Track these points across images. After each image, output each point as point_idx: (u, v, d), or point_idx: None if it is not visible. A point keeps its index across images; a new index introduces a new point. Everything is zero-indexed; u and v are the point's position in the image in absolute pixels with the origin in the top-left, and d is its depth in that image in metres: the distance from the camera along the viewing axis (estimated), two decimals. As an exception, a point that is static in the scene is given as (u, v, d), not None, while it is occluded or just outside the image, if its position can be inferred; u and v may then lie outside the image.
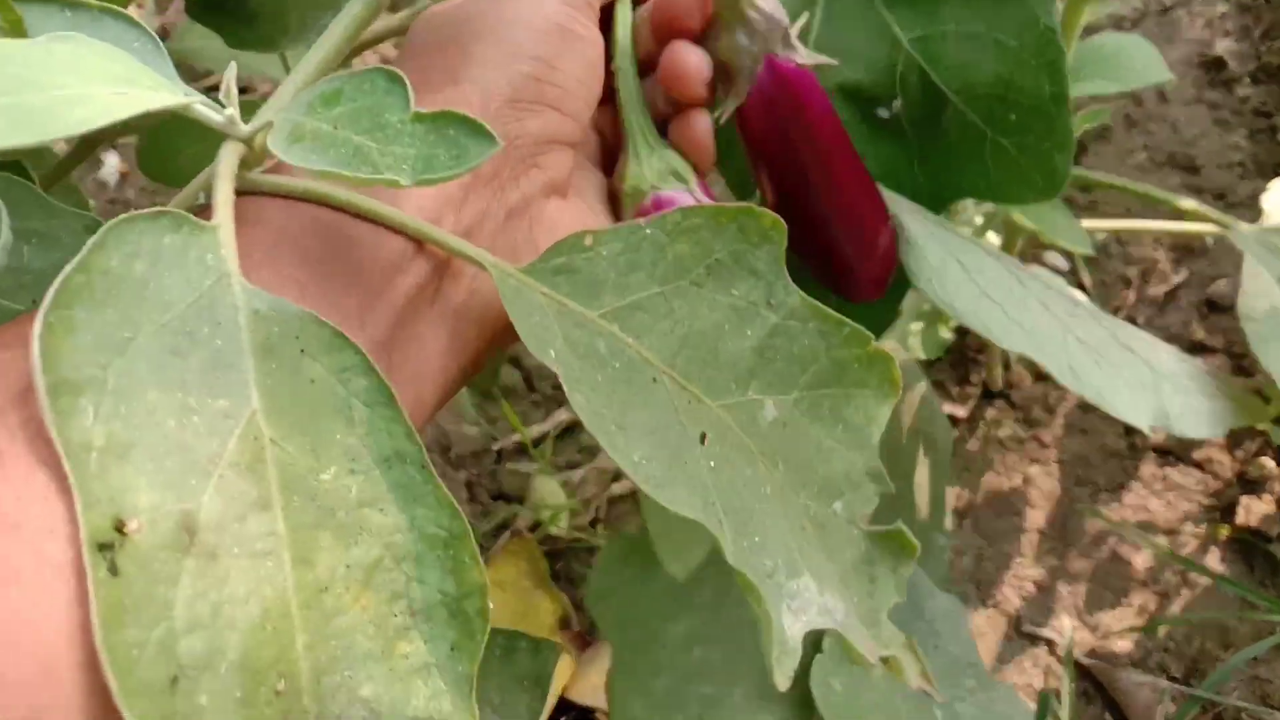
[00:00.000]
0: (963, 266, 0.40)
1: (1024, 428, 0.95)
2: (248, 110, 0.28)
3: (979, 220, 0.78)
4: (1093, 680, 0.86)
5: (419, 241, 0.30)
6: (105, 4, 0.26)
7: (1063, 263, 0.94)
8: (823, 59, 0.37)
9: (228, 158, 0.26)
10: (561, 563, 0.92)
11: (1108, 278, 0.98)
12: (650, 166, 0.37)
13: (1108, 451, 0.93)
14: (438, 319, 0.31)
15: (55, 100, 0.21)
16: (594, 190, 0.39)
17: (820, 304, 0.30)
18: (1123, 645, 0.86)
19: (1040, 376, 0.93)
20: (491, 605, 0.23)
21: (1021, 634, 0.88)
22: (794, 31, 0.37)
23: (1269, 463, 0.89)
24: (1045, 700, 0.83)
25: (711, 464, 0.27)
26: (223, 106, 0.27)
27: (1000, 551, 0.91)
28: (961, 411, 0.95)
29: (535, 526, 0.93)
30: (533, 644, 0.77)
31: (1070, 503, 0.91)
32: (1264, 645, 0.82)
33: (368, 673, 0.22)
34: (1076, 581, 0.89)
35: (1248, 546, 0.88)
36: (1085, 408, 0.95)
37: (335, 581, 0.22)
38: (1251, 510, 0.88)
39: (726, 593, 0.58)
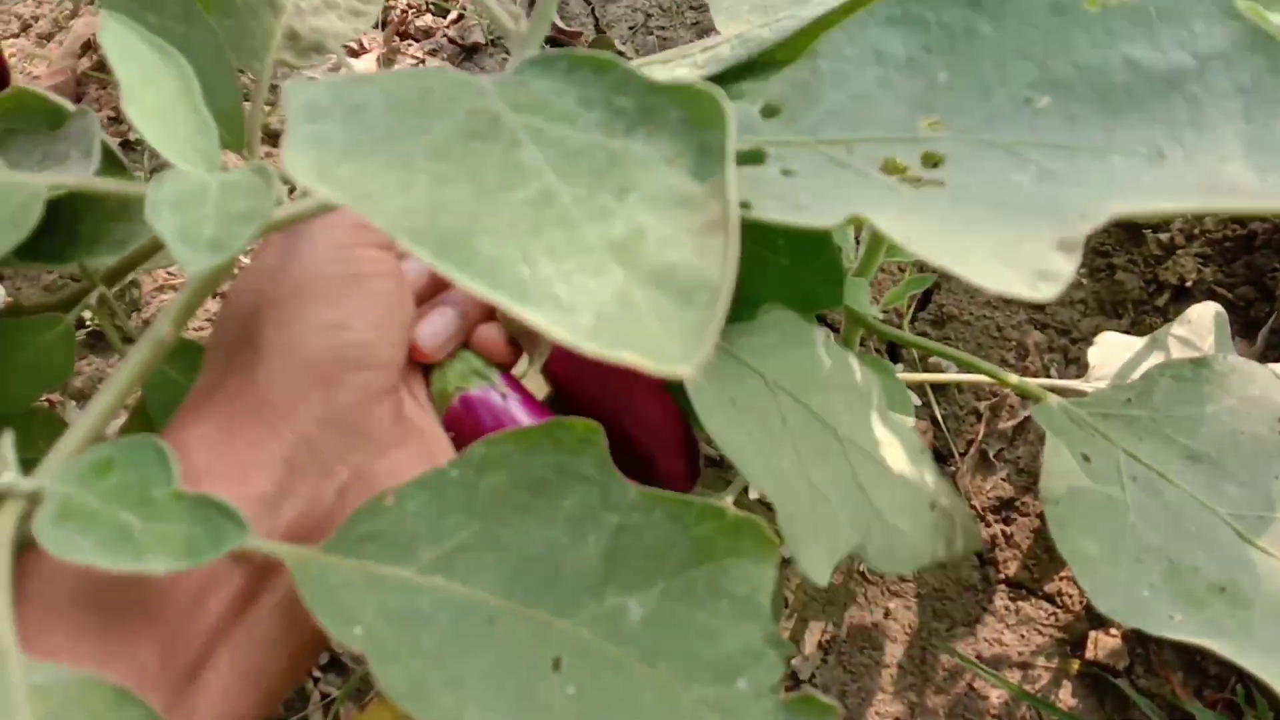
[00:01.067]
0: (734, 405, 0.41)
1: (884, 560, 0.96)
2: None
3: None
4: (952, 822, 0.85)
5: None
6: None
7: (916, 398, 0.96)
8: None
9: (6, 520, 0.26)
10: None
11: (959, 410, 1.01)
12: (452, 370, 0.38)
13: (963, 584, 0.94)
14: (261, 620, 0.30)
15: None
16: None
17: (659, 489, 0.30)
18: (981, 784, 0.86)
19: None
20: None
21: (883, 773, 0.87)
22: None
23: (1115, 595, 0.91)
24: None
25: (571, 689, 0.26)
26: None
27: (864, 687, 0.91)
28: (822, 544, 0.96)
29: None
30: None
31: (929, 636, 0.92)
32: (1115, 783, 0.83)
33: None
34: (935, 718, 0.89)
35: (1098, 680, 0.89)
36: (940, 541, 0.96)
37: None
38: (1100, 644, 0.90)
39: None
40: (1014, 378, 0.56)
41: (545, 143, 0.23)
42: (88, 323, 1.06)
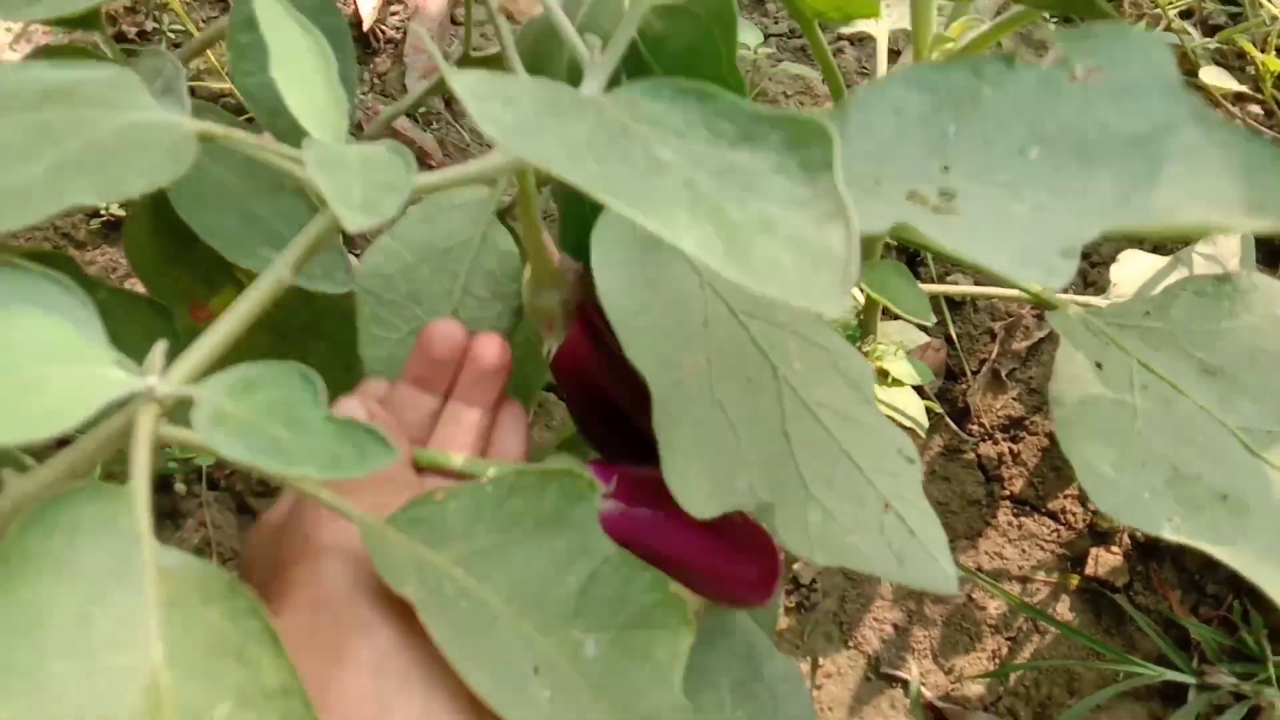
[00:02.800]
0: (644, 278, 0.40)
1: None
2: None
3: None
4: (945, 723, 0.88)
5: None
6: (46, 270, 0.29)
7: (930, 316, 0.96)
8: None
9: (145, 420, 0.28)
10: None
11: (973, 329, 1.01)
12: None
13: (967, 499, 0.95)
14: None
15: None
16: None
17: (630, 554, 0.34)
18: (975, 689, 0.89)
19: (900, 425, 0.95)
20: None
21: (880, 675, 0.90)
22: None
23: (1118, 514, 0.92)
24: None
25: (547, 694, 0.32)
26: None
27: (863, 594, 0.93)
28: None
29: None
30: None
31: (931, 548, 0.94)
32: (1107, 693, 0.86)
33: None
34: (933, 625, 0.91)
35: (1096, 596, 0.91)
36: (947, 455, 0.97)
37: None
38: (1100, 561, 0.92)
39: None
40: (1033, 285, 0.55)
41: (673, 149, 0.28)
42: (102, 211, 1.05)
